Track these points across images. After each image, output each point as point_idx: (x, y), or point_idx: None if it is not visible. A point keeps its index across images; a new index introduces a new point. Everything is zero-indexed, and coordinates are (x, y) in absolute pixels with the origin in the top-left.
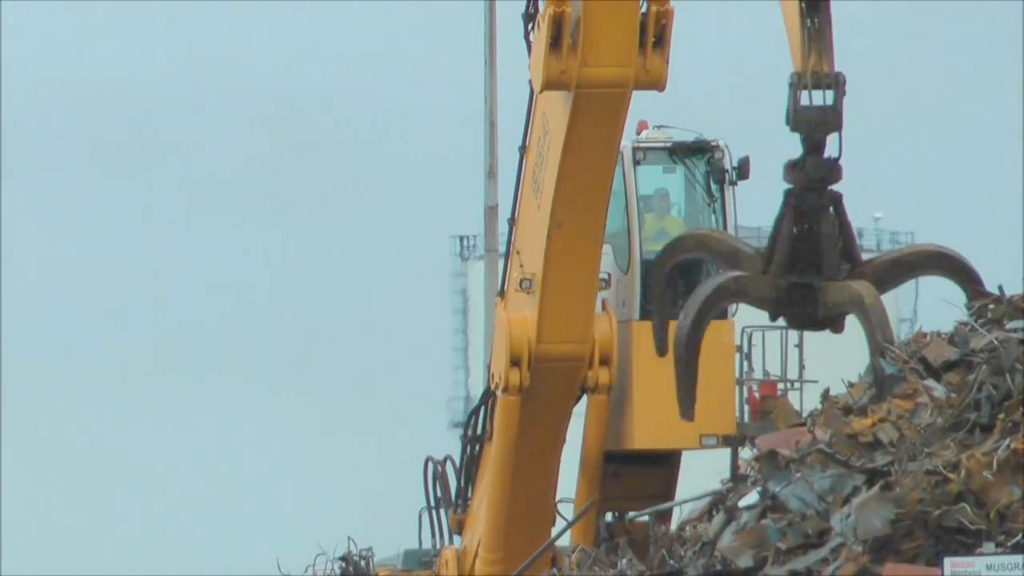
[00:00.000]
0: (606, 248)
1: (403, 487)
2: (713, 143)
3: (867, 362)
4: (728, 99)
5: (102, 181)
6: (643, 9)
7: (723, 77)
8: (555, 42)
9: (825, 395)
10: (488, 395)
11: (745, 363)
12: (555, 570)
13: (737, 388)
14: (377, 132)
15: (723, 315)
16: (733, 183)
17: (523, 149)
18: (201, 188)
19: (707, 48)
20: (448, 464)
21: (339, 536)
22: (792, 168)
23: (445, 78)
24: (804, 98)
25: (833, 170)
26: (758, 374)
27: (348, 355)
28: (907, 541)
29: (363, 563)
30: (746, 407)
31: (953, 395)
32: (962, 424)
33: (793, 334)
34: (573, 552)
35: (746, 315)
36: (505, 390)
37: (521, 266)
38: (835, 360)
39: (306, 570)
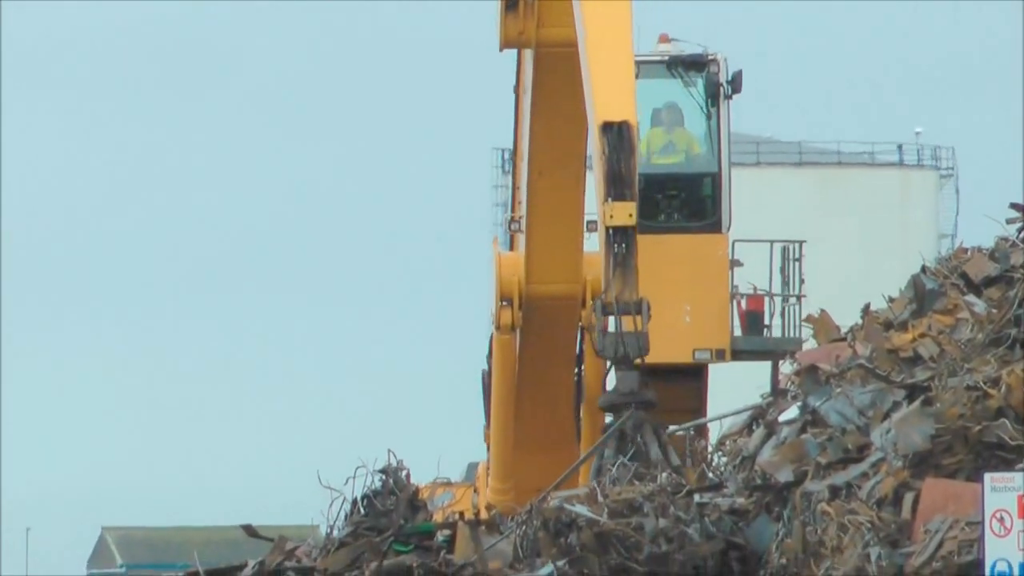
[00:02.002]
0: None
1: (443, 401)
2: (710, 56)
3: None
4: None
5: (145, 93)
6: None
7: None
8: (512, 2)
9: (866, 310)
10: None
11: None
12: (594, 483)
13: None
14: (420, 44)
15: (717, 229)
16: (728, 97)
17: (516, 87)
18: (247, 99)
19: None
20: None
21: (380, 448)
22: (604, 394)
23: None
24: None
25: (644, 385)
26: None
27: (388, 267)
28: (947, 456)
29: (403, 475)
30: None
31: (994, 311)
32: (1002, 340)
33: (794, 248)
34: (613, 466)
35: (741, 229)
36: (498, 328)
37: (520, 203)
38: (856, 276)
39: (346, 482)
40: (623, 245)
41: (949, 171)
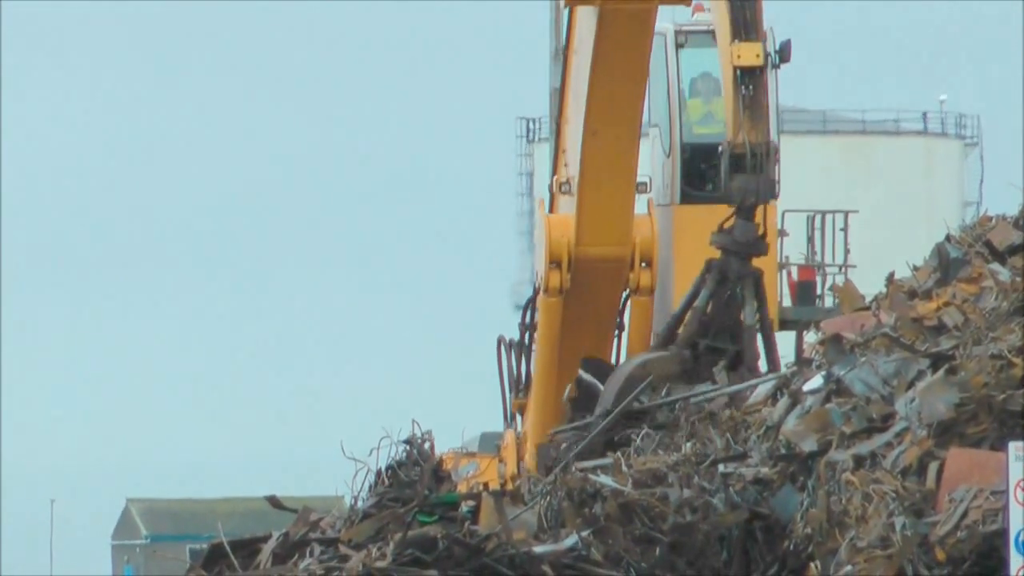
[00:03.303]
0: (653, 131)
1: (468, 370)
2: None
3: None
4: None
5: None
6: None
7: None
8: None
9: (890, 279)
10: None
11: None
12: (618, 454)
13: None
14: (445, 14)
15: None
16: (776, 66)
17: (566, 49)
18: (267, 69)
19: None
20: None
21: (404, 419)
22: (719, 232)
23: None
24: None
25: (760, 240)
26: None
27: (414, 237)
28: (971, 425)
29: (428, 446)
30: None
31: (1018, 279)
32: None
33: (838, 218)
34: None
35: (787, 200)
36: (546, 291)
37: (566, 165)
38: (880, 245)
39: (371, 453)
40: (751, 87)
41: (973, 139)
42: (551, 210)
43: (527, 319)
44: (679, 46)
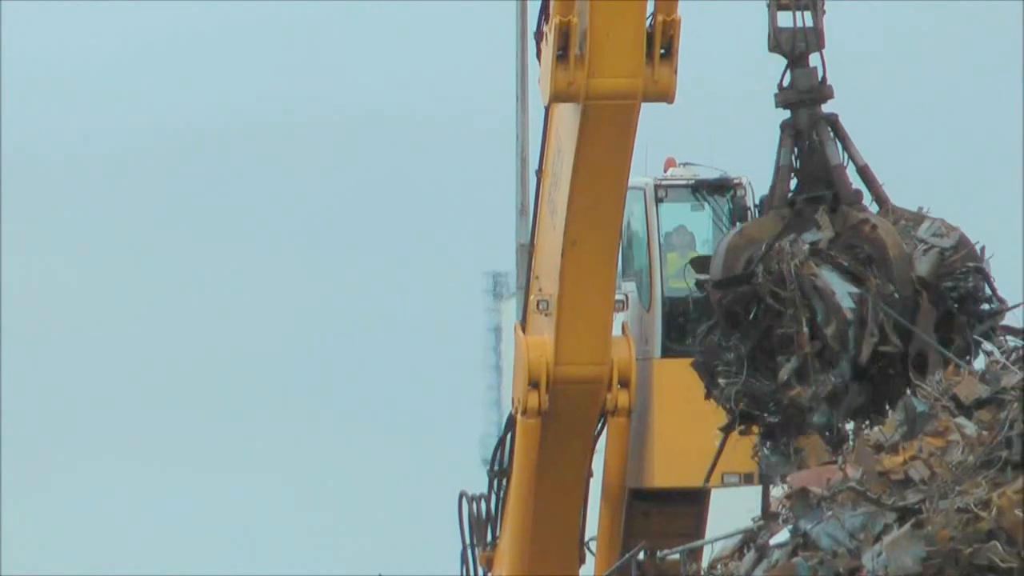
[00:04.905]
0: (630, 285)
1: (435, 525)
2: (736, 180)
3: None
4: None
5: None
6: (650, 20)
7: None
8: (562, 53)
9: (856, 432)
10: (510, 425)
11: None
12: None
13: None
14: (409, 167)
15: None
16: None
17: (539, 172)
18: (235, 220)
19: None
20: (482, 502)
21: (371, 572)
22: (780, 90)
23: (477, 115)
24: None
25: (821, 84)
26: None
27: (380, 392)
28: None
29: None
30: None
31: (984, 433)
32: (993, 462)
33: None
34: None
35: None
36: (524, 413)
37: (540, 290)
38: None
39: None
40: None
41: None
42: (525, 333)
43: (496, 465)
44: (659, 200)
